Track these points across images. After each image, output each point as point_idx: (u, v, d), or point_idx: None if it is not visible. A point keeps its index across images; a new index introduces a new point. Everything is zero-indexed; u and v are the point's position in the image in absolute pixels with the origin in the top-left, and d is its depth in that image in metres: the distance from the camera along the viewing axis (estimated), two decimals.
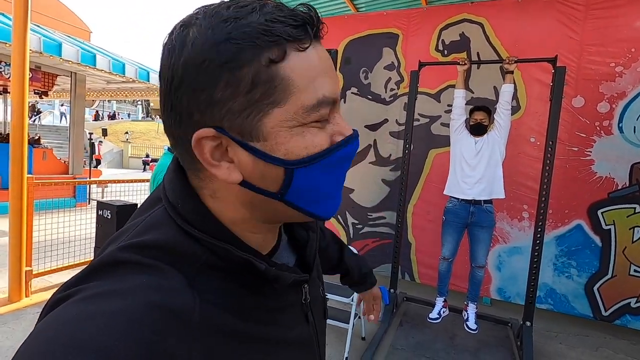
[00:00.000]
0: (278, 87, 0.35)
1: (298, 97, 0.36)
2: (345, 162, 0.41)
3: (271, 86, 0.35)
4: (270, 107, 0.35)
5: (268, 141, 0.36)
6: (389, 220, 3.86)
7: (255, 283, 0.40)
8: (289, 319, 0.45)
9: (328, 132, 0.39)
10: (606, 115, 3.03)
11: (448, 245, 2.75)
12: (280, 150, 0.36)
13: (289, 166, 0.37)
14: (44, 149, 7.43)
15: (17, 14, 2.84)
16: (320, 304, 0.55)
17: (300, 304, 0.47)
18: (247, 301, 0.39)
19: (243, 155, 0.37)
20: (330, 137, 0.39)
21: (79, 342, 0.27)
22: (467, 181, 2.62)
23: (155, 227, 0.39)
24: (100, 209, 3.21)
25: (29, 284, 3.12)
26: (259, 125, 0.36)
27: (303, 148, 0.37)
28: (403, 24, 3.76)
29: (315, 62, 0.37)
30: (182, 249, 0.37)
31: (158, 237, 0.37)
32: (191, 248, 0.37)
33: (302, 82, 0.36)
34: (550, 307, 3.26)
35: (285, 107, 0.35)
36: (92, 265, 0.35)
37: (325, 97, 0.37)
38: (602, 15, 3.00)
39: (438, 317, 2.81)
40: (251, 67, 0.34)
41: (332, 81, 0.38)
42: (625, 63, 2.96)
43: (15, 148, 2.90)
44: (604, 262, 3.09)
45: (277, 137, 0.36)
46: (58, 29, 7.05)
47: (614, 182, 3.03)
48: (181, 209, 0.39)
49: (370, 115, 3.94)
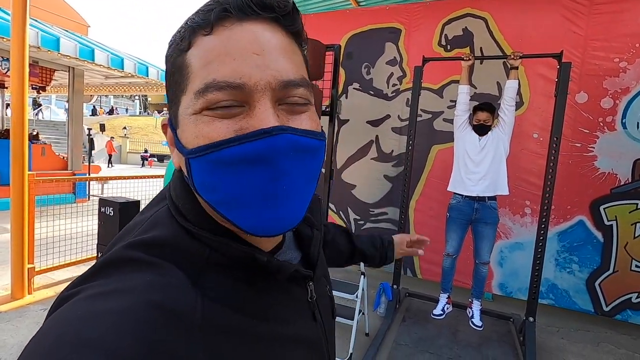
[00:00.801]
0: (184, 75, 0.36)
1: (193, 82, 0.35)
2: (257, 163, 0.33)
3: (182, 74, 0.36)
4: (181, 95, 0.37)
5: (178, 128, 0.38)
6: (391, 216, 3.86)
7: (258, 278, 0.39)
8: (295, 317, 0.43)
9: (236, 123, 0.34)
10: (609, 111, 3.03)
11: (452, 242, 2.75)
12: (183, 137, 0.37)
13: (185, 155, 0.36)
14: (43, 145, 7.38)
15: (16, 8, 2.80)
16: (328, 303, 0.53)
17: (306, 301, 0.46)
18: (252, 298, 0.38)
19: None
20: (239, 130, 0.34)
21: (86, 341, 0.27)
22: (471, 178, 2.61)
23: (159, 225, 0.39)
24: (103, 206, 3.19)
25: (31, 281, 3.11)
26: (178, 113, 0.37)
27: (194, 137, 0.35)
28: (405, 19, 3.73)
29: (215, 45, 0.35)
30: (185, 247, 0.37)
31: (161, 235, 0.37)
32: (193, 246, 0.37)
33: (197, 67, 0.35)
34: (551, 302, 3.28)
35: (187, 94, 0.36)
36: (98, 264, 0.35)
37: (216, 82, 0.34)
38: (607, 10, 2.98)
39: (442, 313, 2.82)
40: (171, 58, 0.38)
41: (237, 63, 0.34)
42: (629, 58, 2.94)
43: (16, 144, 2.88)
44: (606, 257, 3.11)
45: (182, 124, 0.37)
46: (56, 24, 6.97)
47: (617, 178, 3.03)
48: (182, 208, 0.39)
49: (372, 111, 3.92)
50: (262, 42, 0.35)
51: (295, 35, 0.39)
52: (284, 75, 0.35)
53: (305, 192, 0.37)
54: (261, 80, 0.34)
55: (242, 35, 0.35)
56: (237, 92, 0.34)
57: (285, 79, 0.35)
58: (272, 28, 0.37)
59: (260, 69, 0.34)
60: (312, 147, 0.37)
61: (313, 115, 0.39)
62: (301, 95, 0.37)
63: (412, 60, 3.67)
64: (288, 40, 0.38)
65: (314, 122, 0.39)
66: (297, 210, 0.37)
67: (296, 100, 0.37)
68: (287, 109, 0.37)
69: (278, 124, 0.34)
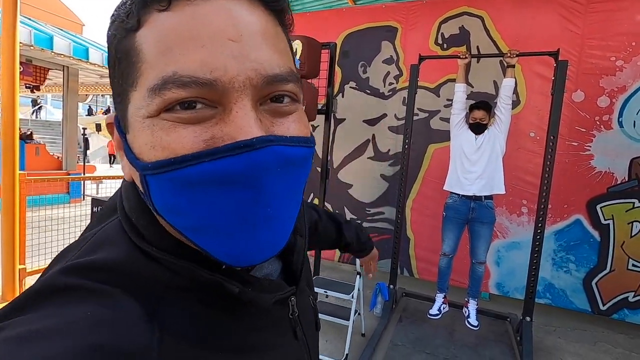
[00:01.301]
0: (133, 63, 0.27)
1: (146, 75, 0.27)
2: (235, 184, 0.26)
3: (128, 62, 0.28)
4: (130, 90, 0.28)
5: (130, 133, 0.29)
6: (388, 215, 3.84)
7: (229, 303, 0.33)
8: (275, 340, 0.37)
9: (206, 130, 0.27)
10: (606, 109, 3.02)
11: (448, 242, 2.73)
12: (135, 147, 0.28)
13: (139, 170, 0.28)
14: (37, 145, 7.32)
15: (6, 6, 2.76)
16: (311, 316, 0.47)
17: (287, 319, 0.39)
18: (222, 326, 0.32)
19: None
20: (210, 139, 0.27)
21: None
22: (467, 177, 2.60)
23: (106, 243, 0.31)
24: (96, 206, 3.16)
25: (22, 283, 3.07)
26: (126, 113, 0.29)
27: (150, 148, 0.27)
28: (402, 17, 3.71)
29: (176, 26, 0.26)
30: (139, 270, 0.30)
31: (109, 257, 0.30)
32: (150, 269, 0.30)
33: (151, 55, 0.27)
34: (548, 302, 3.27)
35: (138, 89, 0.27)
36: (28, 292, 0.28)
37: (178, 76, 0.26)
38: (603, 9, 2.98)
39: (438, 313, 2.81)
40: (114, 39, 0.28)
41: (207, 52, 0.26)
42: (625, 57, 2.94)
43: (7, 143, 2.84)
44: (603, 256, 3.10)
45: (134, 129, 0.28)
46: (49, 22, 6.91)
47: (613, 176, 3.03)
48: (137, 223, 0.32)
49: (368, 110, 3.90)
50: (240, 24, 0.27)
51: (279, 15, 0.31)
52: (267, 69, 0.28)
53: (291, 211, 0.31)
54: (239, 75, 0.27)
55: (212, 12, 0.27)
56: (207, 90, 0.26)
57: (270, 73, 0.28)
58: (250, 4, 0.29)
59: (237, 61, 0.27)
60: (302, 157, 0.30)
61: (302, 116, 0.32)
62: (289, 93, 0.30)
63: (408, 58, 3.65)
64: (271, 22, 0.30)
65: (303, 125, 0.32)
66: (283, 234, 0.31)
67: (283, 99, 0.30)
68: (271, 110, 0.29)
69: (262, 132, 0.27)
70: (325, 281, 2.72)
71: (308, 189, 4.20)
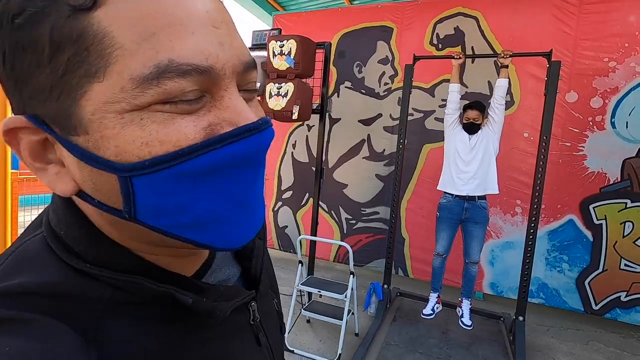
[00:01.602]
0: (92, 50, 0.23)
1: (125, 63, 0.23)
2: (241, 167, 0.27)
3: (80, 48, 0.23)
4: (86, 82, 0.24)
5: (90, 134, 0.25)
6: (383, 215, 3.84)
7: (183, 315, 0.30)
8: (234, 349, 0.35)
9: (201, 118, 0.26)
10: (599, 110, 3.04)
11: (442, 242, 2.74)
12: (109, 147, 0.25)
13: (122, 173, 0.25)
14: None
15: None
16: (275, 320, 0.45)
17: (248, 326, 0.38)
18: (175, 341, 0.30)
19: (68, 155, 0.26)
20: (208, 127, 0.26)
21: None
22: (461, 177, 2.60)
23: (26, 263, 0.28)
24: None
25: None
26: (76, 111, 0.24)
27: (142, 145, 0.24)
28: (397, 17, 3.71)
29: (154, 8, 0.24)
30: (70, 292, 0.26)
31: (32, 279, 0.26)
32: (84, 288, 0.27)
33: (129, 39, 0.23)
34: (541, 301, 3.28)
35: (107, 80, 0.24)
36: None
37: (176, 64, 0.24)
38: (596, 10, 2.99)
39: (432, 312, 2.81)
40: (47, 21, 0.23)
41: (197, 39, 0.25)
42: (618, 58, 2.96)
43: None
44: (595, 256, 3.12)
45: (102, 127, 0.24)
46: None
47: (606, 177, 3.04)
48: (66, 237, 0.29)
49: (363, 110, 3.90)
50: (214, 10, 0.27)
51: None
52: (245, 55, 0.28)
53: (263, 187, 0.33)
54: (227, 62, 0.26)
55: None
56: (203, 78, 0.25)
57: (246, 59, 0.28)
58: None
59: (224, 48, 0.26)
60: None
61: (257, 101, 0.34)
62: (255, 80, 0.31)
63: (403, 59, 3.65)
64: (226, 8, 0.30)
65: (260, 109, 0.33)
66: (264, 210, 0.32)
67: (252, 85, 0.31)
68: (245, 96, 0.30)
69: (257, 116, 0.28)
70: (319, 281, 2.72)
71: (303, 189, 4.19)
